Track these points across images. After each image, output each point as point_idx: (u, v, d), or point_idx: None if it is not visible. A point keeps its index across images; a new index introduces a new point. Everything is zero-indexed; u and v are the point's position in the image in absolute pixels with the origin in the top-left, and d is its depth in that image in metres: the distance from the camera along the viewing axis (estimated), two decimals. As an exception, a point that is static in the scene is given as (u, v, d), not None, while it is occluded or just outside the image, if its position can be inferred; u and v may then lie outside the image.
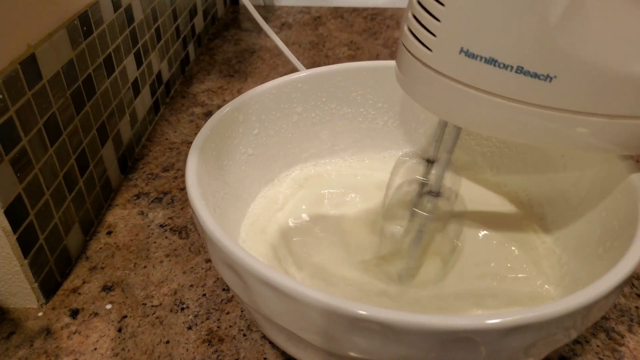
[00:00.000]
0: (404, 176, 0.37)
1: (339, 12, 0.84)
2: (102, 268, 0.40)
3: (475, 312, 0.33)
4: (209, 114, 0.58)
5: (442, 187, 0.32)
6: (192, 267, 0.40)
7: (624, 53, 0.24)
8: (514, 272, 0.36)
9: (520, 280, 0.35)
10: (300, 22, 0.81)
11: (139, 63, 0.52)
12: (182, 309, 0.37)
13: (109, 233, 0.43)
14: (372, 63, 0.43)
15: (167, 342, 0.35)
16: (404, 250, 0.36)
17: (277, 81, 0.40)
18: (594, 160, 0.35)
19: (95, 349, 0.34)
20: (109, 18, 0.45)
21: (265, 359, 0.34)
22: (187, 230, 0.43)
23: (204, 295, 0.38)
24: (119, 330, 0.36)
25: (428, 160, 0.35)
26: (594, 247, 0.32)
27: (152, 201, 0.46)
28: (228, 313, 0.37)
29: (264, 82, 0.40)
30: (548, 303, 0.23)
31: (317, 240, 0.38)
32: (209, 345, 0.35)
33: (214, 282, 0.39)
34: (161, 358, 0.34)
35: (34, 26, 0.35)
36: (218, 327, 0.36)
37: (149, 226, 0.44)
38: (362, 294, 0.34)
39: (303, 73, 0.41)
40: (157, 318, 0.36)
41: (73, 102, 0.40)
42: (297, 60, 0.51)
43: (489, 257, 0.37)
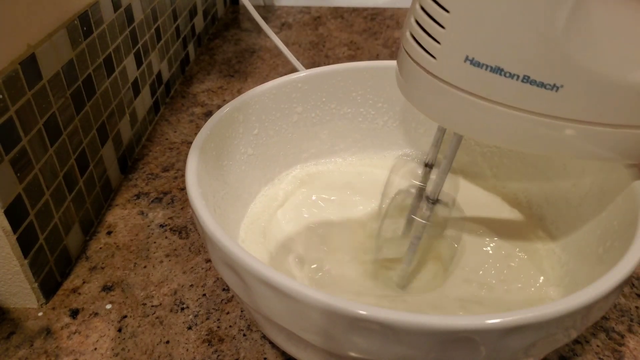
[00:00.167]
0: (402, 179, 0.36)
1: (339, 12, 0.84)
2: (102, 268, 0.40)
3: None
4: (209, 114, 0.58)
5: (441, 193, 0.32)
6: (192, 267, 0.40)
7: (630, 62, 0.24)
8: (515, 273, 0.36)
9: (520, 281, 0.35)
10: (300, 22, 0.81)
11: (139, 63, 0.52)
12: (182, 309, 0.37)
13: (109, 233, 0.43)
14: (372, 63, 0.42)
15: (167, 342, 0.35)
16: (401, 256, 0.36)
17: (277, 81, 0.40)
18: (594, 161, 0.35)
19: (95, 349, 0.34)
20: (109, 18, 0.45)
21: (265, 359, 0.34)
22: (187, 230, 0.43)
23: (204, 295, 0.38)
24: (119, 330, 0.36)
25: (426, 165, 0.34)
26: (594, 247, 0.32)
27: (152, 201, 0.46)
28: (228, 313, 0.37)
29: (264, 82, 0.40)
30: (548, 303, 0.23)
31: (317, 240, 0.38)
32: (209, 345, 0.35)
33: (214, 282, 0.39)
34: (161, 358, 0.34)
35: (34, 26, 0.35)
36: (218, 327, 0.36)
37: (149, 226, 0.44)
38: (359, 298, 0.34)
39: (303, 73, 0.41)
40: (157, 318, 0.36)
41: (73, 102, 0.40)
42: (296, 60, 0.51)
43: (489, 258, 0.37)
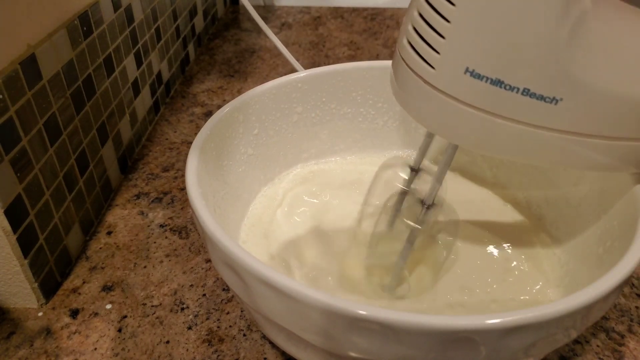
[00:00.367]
0: (390, 181, 0.36)
1: (339, 12, 0.84)
2: (102, 268, 0.40)
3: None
4: (209, 114, 0.58)
5: (435, 198, 0.32)
6: (192, 267, 0.40)
7: (629, 77, 0.24)
8: (514, 272, 0.36)
9: (520, 281, 0.35)
10: (300, 22, 0.81)
11: (139, 63, 0.52)
12: (182, 309, 0.37)
13: (109, 233, 0.43)
14: (372, 63, 0.42)
15: (167, 342, 0.35)
16: (392, 261, 0.36)
17: (277, 81, 0.40)
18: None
19: (95, 349, 0.34)
20: (109, 18, 0.45)
21: (265, 359, 0.34)
22: (187, 230, 0.43)
23: (204, 295, 0.38)
24: (119, 330, 0.36)
25: (412, 169, 0.34)
26: (594, 247, 0.32)
27: (152, 201, 0.46)
28: (228, 313, 0.37)
29: (264, 82, 0.40)
30: (548, 303, 0.23)
31: (316, 241, 0.38)
32: (209, 345, 0.35)
33: (214, 282, 0.39)
34: (161, 358, 0.34)
35: (34, 26, 0.35)
36: (218, 327, 0.36)
37: (149, 226, 0.44)
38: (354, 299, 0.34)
39: (303, 73, 0.41)
40: (157, 318, 0.36)
41: (73, 102, 0.40)
42: (295, 61, 0.51)
43: (488, 259, 0.37)
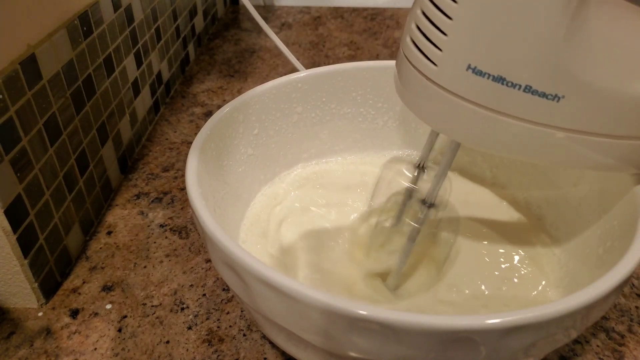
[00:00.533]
0: (392, 180, 0.36)
1: (339, 12, 0.84)
2: (102, 268, 0.40)
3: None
4: (209, 114, 0.58)
5: (436, 197, 0.32)
6: (192, 267, 0.40)
7: (630, 74, 0.24)
8: (514, 273, 0.36)
9: (520, 281, 0.35)
10: (300, 22, 0.81)
11: (139, 63, 0.52)
12: (182, 309, 0.37)
13: (109, 233, 0.43)
14: (372, 63, 0.42)
15: (167, 342, 0.35)
16: (393, 259, 0.36)
17: (277, 81, 0.40)
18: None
19: (95, 349, 0.34)
20: (109, 18, 0.45)
21: (265, 359, 0.34)
22: (187, 230, 0.43)
23: (204, 295, 0.38)
24: (119, 330, 0.36)
25: (418, 167, 0.34)
26: (594, 247, 0.32)
27: (152, 201, 0.46)
28: (228, 313, 0.37)
29: (264, 82, 0.40)
30: (548, 303, 0.23)
31: (316, 241, 0.38)
32: (209, 345, 0.35)
33: (214, 282, 0.39)
34: (161, 358, 0.34)
35: (34, 26, 0.35)
36: (218, 327, 0.36)
37: (149, 226, 0.44)
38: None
39: (303, 73, 0.41)
40: (157, 318, 0.36)
41: (73, 102, 0.40)
42: (296, 61, 0.51)
43: (489, 259, 0.37)
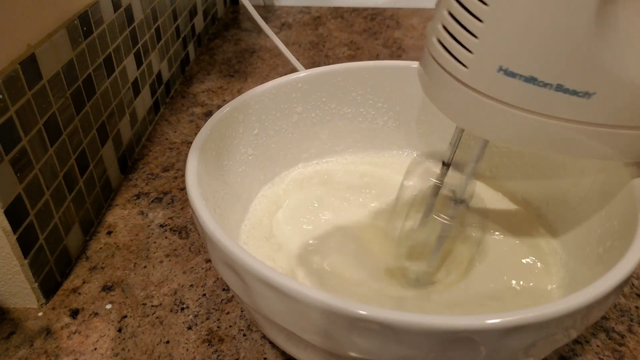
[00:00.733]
0: (419, 178, 0.37)
1: (339, 12, 0.84)
2: (102, 268, 0.40)
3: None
4: (209, 114, 0.58)
5: (466, 193, 0.32)
6: (192, 267, 0.40)
7: None
8: (516, 272, 0.36)
9: (521, 280, 0.35)
10: (300, 22, 0.81)
11: (139, 63, 0.52)
12: (182, 309, 0.37)
13: (109, 233, 0.43)
14: (372, 63, 0.42)
15: (167, 342, 0.35)
16: (421, 254, 0.36)
17: (277, 81, 0.40)
18: (594, 161, 0.35)
19: (95, 349, 0.34)
20: (109, 18, 0.45)
21: (265, 359, 0.34)
22: (187, 230, 0.43)
23: (204, 295, 0.38)
24: (119, 330, 0.36)
25: (444, 164, 0.35)
26: (594, 247, 0.32)
27: (152, 201, 0.46)
28: (228, 313, 0.37)
29: (264, 82, 0.40)
30: (548, 303, 0.23)
31: (317, 241, 0.38)
32: (209, 345, 0.35)
33: (214, 282, 0.39)
34: (161, 358, 0.34)
35: (34, 26, 0.35)
36: (218, 327, 0.36)
37: (149, 226, 0.44)
38: (379, 299, 0.34)
39: (303, 73, 0.41)
40: (157, 318, 0.36)
41: (73, 102, 0.40)
42: (296, 61, 0.51)
43: (493, 258, 0.37)
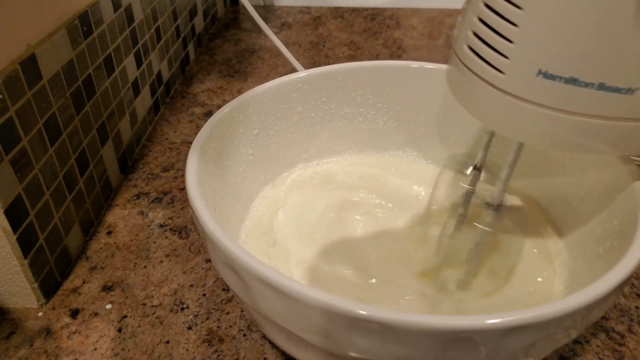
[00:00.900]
0: (450, 183, 0.37)
1: (339, 12, 0.84)
2: (102, 268, 0.40)
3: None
4: (209, 114, 0.58)
5: (502, 199, 0.32)
6: (192, 267, 0.40)
7: None
8: (529, 271, 0.35)
9: (522, 280, 0.35)
10: (300, 22, 0.81)
11: (139, 63, 0.52)
12: (182, 309, 0.37)
13: (109, 233, 0.43)
14: (372, 63, 0.42)
15: (167, 342, 0.35)
16: (456, 261, 0.36)
17: (277, 81, 0.40)
18: (594, 161, 0.35)
19: (95, 349, 0.34)
20: (109, 18, 0.45)
21: (265, 359, 0.34)
22: (187, 230, 0.43)
23: (204, 295, 0.38)
24: (119, 330, 0.36)
25: (475, 168, 0.35)
26: (594, 247, 0.32)
27: (152, 201, 0.46)
28: (228, 313, 0.37)
29: (264, 82, 0.40)
30: (548, 303, 0.23)
31: (318, 241, 0.38)
32: (209, 345, 0.35)
33: (214, 282, 0.39)
34: (161, 358, 0.34)
35: (34, 26, 0.35)
36: (218, 327, 0.36)
37: (149, 226, 0.44)
38: (424, 305, 0.33)
39: (303, 73, 0.41)
40: (157, 318, 0.36)
41: (73, 102, 0.40)
42: (296, 61, 0.51)
43: (497, 257, 0.37)
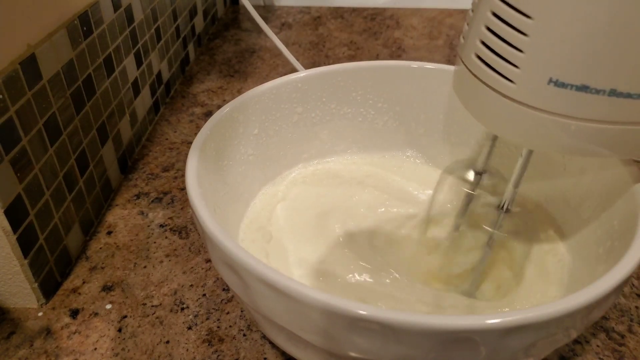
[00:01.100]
0: (452, 187, 0.37)
1: (339, 12, 0.84)
2: (102, 268, 0.40)
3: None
4: (209, 114, 0.58)
5: (512, 203, 0.32)
6: (192, 267, 0.40)
7: None
8: (531, 272, 0.35)
9: (523, 279, 0.35)
10: (300, 22, 0.81)
11: (139, 63, 0.52)
12: (182, 309, 0.37)
13: (109, 233, 0.43)
14: (372, 63, 0.42)
15: (167, 342, 0.35)
16: (458, 263, 0.36)
17: (277, 81, 0.40)
18: (594, 161, 0.35)
19: (95, 349, 0.34)
20: (109, 18, 0.45)
21: (265, 359, 0.34)
22: (187, 230, 0.43)
23: (204, 295, 0.38)
24: (119, 330, 0.36)
25: (477, 172, 0.35)
26: (594, 247, 0.32)
27: (152, 201, 0.46)
28: (228, 313, 0.37)
29: (264, 82, 0.40)
30: (548, 303, 0.23)
31: (319, 241, 0.38)
32: (209, 345, 0.35)
33: (214, 282, 0.39)
34: (161, 358, 0.34)
35: (34, 26, 0.35)
36: (218, 327, 0.36)
37: (149, 226, 0.44)
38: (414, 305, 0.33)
39: (303, 73, 0.41)
40: (157, 318, 0.36)
41: (73, 102, 0.40)
42: (296, 61, 0.51)
43: (502, 260, 0.37)
